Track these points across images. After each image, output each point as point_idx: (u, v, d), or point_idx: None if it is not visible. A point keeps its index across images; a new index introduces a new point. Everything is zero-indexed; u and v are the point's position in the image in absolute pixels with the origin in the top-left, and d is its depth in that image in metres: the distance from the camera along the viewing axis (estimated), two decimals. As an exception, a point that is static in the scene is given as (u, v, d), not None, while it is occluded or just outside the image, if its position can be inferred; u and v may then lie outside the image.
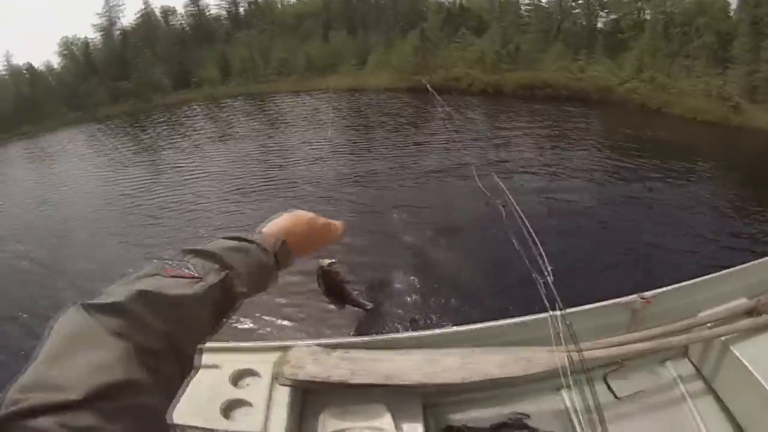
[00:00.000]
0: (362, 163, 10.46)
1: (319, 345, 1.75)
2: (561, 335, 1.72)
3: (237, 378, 1.63)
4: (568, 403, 1.94)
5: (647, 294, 1.92)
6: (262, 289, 0.76)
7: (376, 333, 1.67)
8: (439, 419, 1.81)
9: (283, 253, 0.79)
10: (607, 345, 1.77)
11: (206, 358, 1.46)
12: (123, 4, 33.83)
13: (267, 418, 1.50)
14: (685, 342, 1.87)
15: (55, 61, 34.15)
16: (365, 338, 1.81)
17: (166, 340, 0.54)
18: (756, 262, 2.11)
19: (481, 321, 1.82)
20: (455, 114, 15.63)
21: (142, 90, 30.83)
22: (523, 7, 26.71)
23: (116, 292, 0.54)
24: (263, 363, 1.69)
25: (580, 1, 23.99)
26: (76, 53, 34.21)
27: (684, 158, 9.76)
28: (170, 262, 0.62)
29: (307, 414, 1.68)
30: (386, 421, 1.60)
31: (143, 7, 34.38)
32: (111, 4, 33.39)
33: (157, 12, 34.95)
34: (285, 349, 1.74)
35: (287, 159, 11.44)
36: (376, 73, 25.47)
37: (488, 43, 24.09)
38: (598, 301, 1.96)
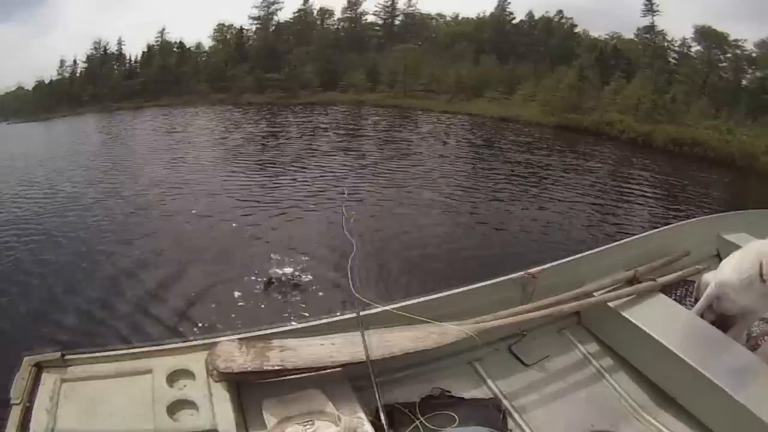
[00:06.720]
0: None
1: (243, 338, 1.79)
2: (464, 311, 1.97)
3: (172, 379, 1.61)
4: (483, 374, 2.12)
5: (532, 270, 2.10)
6: None
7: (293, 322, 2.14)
8: (368, 400, 1.82)
9: None
10: (506, 315, 1.90)
11: (137, 364, 1.67)
12: (283, 0, 34.66)
13: (213, 416, 1.52)
14: (576, 308, 2.01)
15: (206, 43, 34.57)
16: (284, 328, 1.88)
17: None
18: (632, 238, 2.36)
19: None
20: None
21: (291, 84, 31.22)
22: (671, 55, 24.17)
23: None
24: (194, 361, 1.68)
25: (728, 55, 20.93)
26: (228, 39, 34.84)
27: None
28: None
29: (248, 407, 1.69)
30: (325, 404, 1.68)
31: (302, 4, 35.32)
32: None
33: (315, 11, 35.91)
34: (211, 345, 1.75)
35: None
36: (525, 104, 25.96)
37: (638, 90, 23.42)
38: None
